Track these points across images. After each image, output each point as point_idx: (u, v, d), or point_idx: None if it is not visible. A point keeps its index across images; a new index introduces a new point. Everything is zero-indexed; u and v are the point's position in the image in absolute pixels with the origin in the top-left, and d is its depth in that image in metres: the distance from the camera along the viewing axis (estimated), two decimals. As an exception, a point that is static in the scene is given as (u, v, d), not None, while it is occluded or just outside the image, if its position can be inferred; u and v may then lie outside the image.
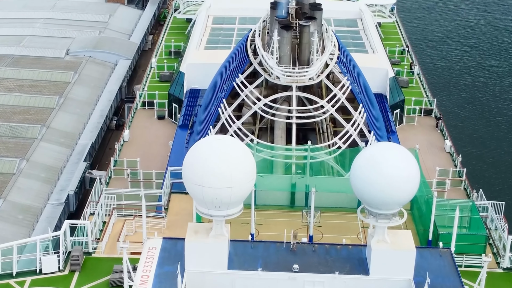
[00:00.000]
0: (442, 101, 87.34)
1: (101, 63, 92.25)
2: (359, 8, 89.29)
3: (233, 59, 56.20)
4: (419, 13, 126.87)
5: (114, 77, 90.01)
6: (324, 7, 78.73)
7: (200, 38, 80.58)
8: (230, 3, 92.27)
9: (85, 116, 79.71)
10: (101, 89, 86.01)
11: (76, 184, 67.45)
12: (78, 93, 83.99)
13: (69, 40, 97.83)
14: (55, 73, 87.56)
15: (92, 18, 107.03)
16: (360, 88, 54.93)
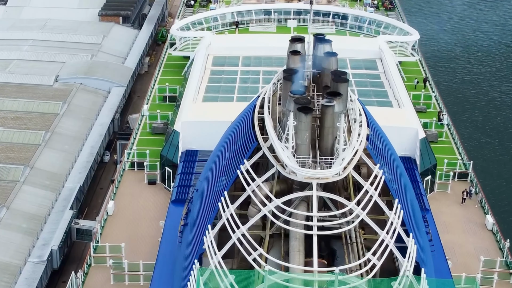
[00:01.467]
0: (477, 158, 75.96)
1: (93, 91, 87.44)
2: (379, 46, 78.70)
3: (236, 134, 45.49)
4: (445, 49, 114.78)
5: (107, 107, 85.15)
6: (340, 44, 69.23)
7: (198, 84, 70.93)
8: (232, 40, 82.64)
9: (73, 154, 74.50)
10: (92, 121, 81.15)
11: (61, 237, 61.91)
12: (67, 126, 78.91)
13: (59, 65, 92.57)
14: (42, 103, 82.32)
15: (85, 39, 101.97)
16: (392, 172, 44.15)
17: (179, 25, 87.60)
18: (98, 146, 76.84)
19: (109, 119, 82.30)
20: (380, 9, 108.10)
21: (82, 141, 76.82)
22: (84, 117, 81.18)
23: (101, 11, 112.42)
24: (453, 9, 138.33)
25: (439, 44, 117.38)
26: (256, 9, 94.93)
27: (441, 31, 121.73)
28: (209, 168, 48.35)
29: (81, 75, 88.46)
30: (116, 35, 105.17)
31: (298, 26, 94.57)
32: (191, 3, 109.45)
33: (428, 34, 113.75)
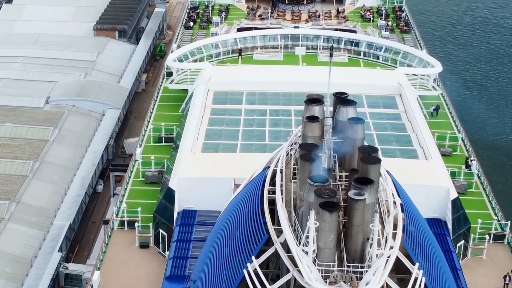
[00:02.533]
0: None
1: (86, 113, 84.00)
2: (398, 81, 70.56)
3: (242, 218, 37.49)
4: (470, 79, 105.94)
5: (101, 132, 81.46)
6: (354, 77, 61.84)
7: (197, 128, 63.40)
8: (235, 73, 74.98)
9: (63, 186, 70.56)
10: (84, 148, 77.51)
11: (48, 283, 58.13)
12: (57, 154, 75.16)
13: (50, 84, 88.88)
14: (32, 128, 78.71)
15: (78, 56, 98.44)
16: (431, 264, 36.12)
17: (176, 55, 79.68)
18: (90, 177, 72.98)
19: (103, 146, 78.54)
20: (395, 32, 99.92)
21: (73, 171, 72.97)
22: (76, 144, 77.52)
23: (96, 25, 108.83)
24: (476, 34, 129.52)
25: (463, 73, 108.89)
26: (260, 35, 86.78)
27: (464, 58, 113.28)
28: (208, 255, 40.28)
29: (73, 97, 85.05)
30: (111, 51, 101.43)
31: (307, 54, 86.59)
32: (190, 25, 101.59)
33: (449, 61, 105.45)
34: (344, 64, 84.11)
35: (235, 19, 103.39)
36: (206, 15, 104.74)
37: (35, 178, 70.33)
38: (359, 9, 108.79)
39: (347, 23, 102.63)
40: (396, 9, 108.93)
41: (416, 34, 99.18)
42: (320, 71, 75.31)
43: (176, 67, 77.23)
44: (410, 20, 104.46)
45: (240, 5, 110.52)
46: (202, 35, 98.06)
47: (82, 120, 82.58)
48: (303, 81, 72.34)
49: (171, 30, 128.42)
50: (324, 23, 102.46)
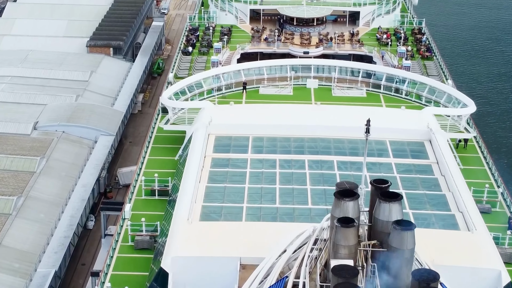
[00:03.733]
0: None
1: (77, 140, 79.16)
2: (427, 124, 61.68)
3: None
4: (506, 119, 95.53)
5: (92, 162, 76.22)
6: (375, 118, 54.32)
7: (195, 185, 54.31)
8: (239, 113, 66.52)
9: (49, 225, 65.45)
10: (74, 181, 72.32)
11: None
12: (44, 188, 70.05)
13: (39, 108, 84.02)
14: (17, 159, 73.52)
15: (70, 76, 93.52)
16: None
17: (171, 91, 70.84)
18: (79, 215, 67.64)
19: (94, 178, 73.49)
20: (415, 58, 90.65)
21: (61, 207, 68.07)
22: (64, 176, 72.65)
23: (90, 41, 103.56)
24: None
25: (495, 109, 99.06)
26: (267, 65, 77.61)
27: (498, 92, 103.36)
28: None
29: (63, 122, 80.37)
30: (105, 69, 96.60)
31: (320, 87, 77.37)
32: (188, 50, 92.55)
33: (480, 96, 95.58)
34: (362, 100, 75.06)
35: (238, 42, 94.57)
36: (207, 38, 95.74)
37: (18, 216, 65.43)
38: (375, 31, 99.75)
39: (362, 48, 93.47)
40: (416, 31, 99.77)
41: (439, 61, 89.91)
42: (337, 111, 66.57)
43: (172, 106, 68.00)
44: (432, 45, 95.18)
45: (244, 26, 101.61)
46: (202, 62, 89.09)
47: (72, 148, 77.59)
48: (318, 124, 63.60)
49: (169, 44, 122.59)
50: (336, 47, 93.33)
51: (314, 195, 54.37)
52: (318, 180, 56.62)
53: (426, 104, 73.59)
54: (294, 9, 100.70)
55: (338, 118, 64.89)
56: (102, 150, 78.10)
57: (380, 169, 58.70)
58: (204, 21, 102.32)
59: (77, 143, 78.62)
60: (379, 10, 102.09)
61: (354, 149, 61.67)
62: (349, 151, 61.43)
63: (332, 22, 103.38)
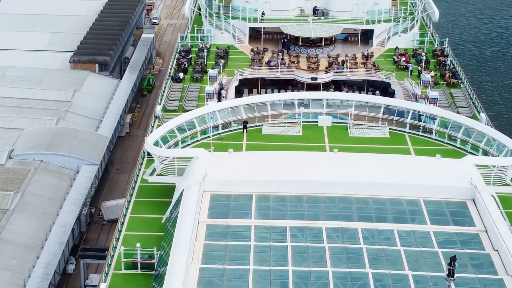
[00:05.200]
0: None
1: (57, 170, 73.47)
2: (470, 178, 50.62)
3: None
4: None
5: (73, 197, 69.66)
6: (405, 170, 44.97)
7: (186, 263, 45.06)
8: (239, 163, 56.71)
9: (22, 274, 59.04)
10: (52, 219, 66.23)
11: None
12: (17, 229, 64.15)
13: (15, 133, 78.48)
14: None
15: (51, 96, 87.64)
16: None
17: (158, 135, 59.89)
18: (56, 261, 61.22)
19: (75, 216, 67.04)
20: (440, 85, 79.63)
21: (36, 251, 61.93)
22: (41, 213, 66.69)
23: (74, 56, 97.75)
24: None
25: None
26: (272, 100, 66.54)
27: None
28: None
29: (42, 150, 74.63)
30: (90, 88, 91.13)
31: (334, 125, 66.23)
32: (179, 77, 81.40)
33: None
34: (385, 142, 64.22)
35: (236, 66, 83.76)
36: (201, 62, 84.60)
37: (-14, 264, 59.33)
38: (391, 52, 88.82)
39: (378, 73, 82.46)
40: (438, 53, 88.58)
41: (468, 89, 78.78)
42: (358, 160, 55.42)
43: (158, 154, 56.77)
44: (458, 69, 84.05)
45: (242, 47, 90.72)
46: (195, 91, 78.09)
47: (51, 180, 71.71)
48: (336, 178, 52.65)
49: (161, 58, 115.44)
50: (348, 72, 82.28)
51: (337, 280, 43.36)
52: (340, 257, 45.77)
53: (462, 148, 62.66)
54: (299, 27, 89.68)
55: (360, 171, 53.89)
56: (84, 182, 72.08)
57: (415, 239, 47.95)
58: (198, 41, 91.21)
59: (57, 173, 72.85)
60: (395, 28, 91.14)
61: (381, 212, 51.16)
62: (375, 214, 50.65)
63: (342, 41, 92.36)
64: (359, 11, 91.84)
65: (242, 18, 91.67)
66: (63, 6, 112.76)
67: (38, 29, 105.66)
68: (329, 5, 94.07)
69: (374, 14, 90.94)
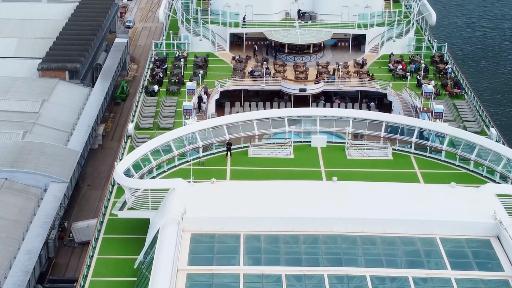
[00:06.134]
0: None
1: (23, 189, 69.33)
2: (492, 211, 43.61)
3: None
4: None
5: (40, 219, 65.30)
6: (417, 204, 43.79)
7: None
8: (223, 195, 49.57)
9: None
10: (16, 245, 61.73)
11: None
12: None
13: None
14: None
15: (17, 106, 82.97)
16: None
17: (129, 163, 52.18)
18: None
19: (42, 240, 62.54)
20: (442, 97, 72.50)
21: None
22: (5, 238, 62.66)
23: (42, 63, 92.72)
24: None
25: None
26: (259, 119, 58.96)
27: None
28: None
29: (6, 167, 70.56)
30: (60, 97, 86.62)
31: (330, 145, 58.71)
32: (154, 89, 73.73)
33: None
34: (388, 165, 56.86)
35: (217, 77, 76.30)
36: (177, 72, 76.89)
37: None
38: (385, 58, 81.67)
39: (373, 83, 75.18)
40: (436, 59, 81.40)
41: (473, 100, 71.59)
42: (361, 191, 48.00)
43: (128, 186, 48.98)
44: (460, 78, 76.90)
45: (223, 55, 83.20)
46: (171, 106, 70.47)
47: (16, 200, 67.41)
48: (338, 215, 45.29)
49: (135, 63, 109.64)
50: (340, 82, 74.91)
51: None
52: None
53: (476, 172, 55.39)
54: (285, 33, 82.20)
55: (365, 204, 46.45)
56: (53, 202, 67.56)
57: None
58: (174, 49, 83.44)
59: (23, 193, 68.67)
60: (390, 33, 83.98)
61: (392, 254, 43.94)
62: (385, 258, 43.25)
63: (331, 47, 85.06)
64: (349, 15, 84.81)
65: (222, 23, 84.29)
66: (32, 10, 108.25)
67: (5, 34, 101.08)
68: (317, 8, 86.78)
69: (366, 18, 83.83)
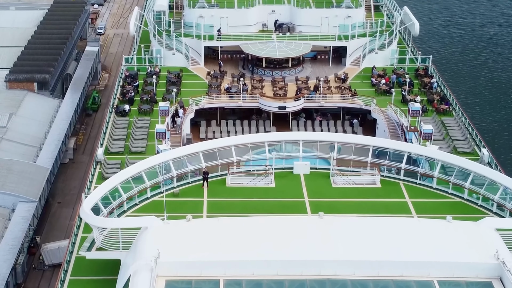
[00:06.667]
0: None
1: None
2: (493, 250, 40.36)
3: None
4: None
5: (7, 242, 62.47)
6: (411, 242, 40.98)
7: None
8: (201, 235, 45.34)
9: None
10: None
11: None
12: None
13: None
14: None
15: None
16: None
17: (96, 198, 48.18)
18: None
19: (9, 266, 59.84)
20: (429, 114, 69.11)
21: None
22: None
23: (9, 74, 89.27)
24: None
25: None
26: (237, 144, 54.97)
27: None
28: None
29: None
30: (28, 110, 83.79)
31: (313, 172, 54.98)
32: (125, 109, 69.52)
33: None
34: (376, 193, 53.28)
35: (191, 94, 72.37)
36: (149, 90, 72.67)
37: None
38: (367, 72, 78.30)
39: (356, 99, 71.56)
40: (421, 73, 77.97)
41: (462, 118, 68.27)
42: (352, 229, 44.37)
43: (96, 225, 44.79)
44: (447, 92, 73.50)
45: (197, 69, 79.34)
46: (143, 128, 66.32)
47: None
48: (326, 257, 41.51)
49: (107, 72, 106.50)
50: (321, 98, 71.23)
51: None
52: None
53: (471, 201, 51.89)
54: (262, 46, 78.45)
55: (355, 243, 42.65)
56: (21, 224, 65.07)
57: None
58: (145, 64, 79.22)
59: None
60: (372, 44, 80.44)
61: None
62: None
63: (310, 60, 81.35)
64: (329, 26, 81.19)
65: (196, 36, 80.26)
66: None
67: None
68: (295, 19, 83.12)
69: (347, 29, 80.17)
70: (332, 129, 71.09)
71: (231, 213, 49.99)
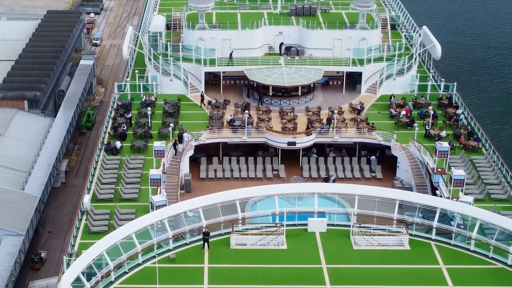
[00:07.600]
0: None
1: None
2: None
3: None
4: None
5: None
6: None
7: None
8: None
9: None
10: None
11: None
12: None
13: None
14: None
15: None
16: None
17: (79, 270, 41.36)
18: None
19: None
20: (457, 152, 62.09)
21: None
22: None
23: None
24: None
25: None
26: (242, 198, 48.22)
27: None
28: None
29: None
30: (17, 131, 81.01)
31: (330, 230, 48.08)
32: (116, 147, 62.76)
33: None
34: (404, 258, 46.28)
35: (190, 127, 65.49)
36: (144, 123, 65.98)
37: None
38: (384, 100, 71.65)
39: (374, 133, 64.62)
40: (444, 101, 71.01)
41: (494, 156, 61.26)
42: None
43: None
44: (475, 126, 66.48)
45: (196, 97, 72.38)
46: (136, 169, 59.46)
47: None
48: None
49: (103, 86, 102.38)
50: (335, 133, 64.34)
51: None
52: None
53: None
54: (268, 72, 71.68)
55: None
56: (6, 261, 61.87)
57: None
58: (140, 92, 72.46)
59: None
60: (389, 69, 73.44)
61: None
62: None
63: (321, 86, 74.44)
64: (342, 49, 74.28)
65: (196, 60, 73.38)
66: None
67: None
68: (304, 42, 76.27)
69: (362, 52, 73.23)
70: (347, 166, 64.22)
71: (236, 285, 43.10)
